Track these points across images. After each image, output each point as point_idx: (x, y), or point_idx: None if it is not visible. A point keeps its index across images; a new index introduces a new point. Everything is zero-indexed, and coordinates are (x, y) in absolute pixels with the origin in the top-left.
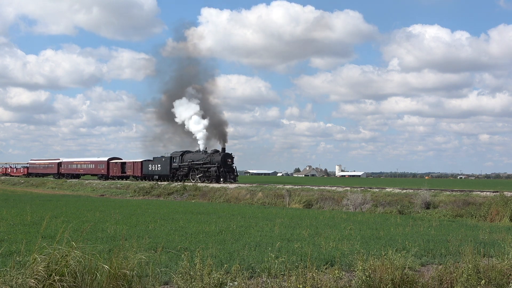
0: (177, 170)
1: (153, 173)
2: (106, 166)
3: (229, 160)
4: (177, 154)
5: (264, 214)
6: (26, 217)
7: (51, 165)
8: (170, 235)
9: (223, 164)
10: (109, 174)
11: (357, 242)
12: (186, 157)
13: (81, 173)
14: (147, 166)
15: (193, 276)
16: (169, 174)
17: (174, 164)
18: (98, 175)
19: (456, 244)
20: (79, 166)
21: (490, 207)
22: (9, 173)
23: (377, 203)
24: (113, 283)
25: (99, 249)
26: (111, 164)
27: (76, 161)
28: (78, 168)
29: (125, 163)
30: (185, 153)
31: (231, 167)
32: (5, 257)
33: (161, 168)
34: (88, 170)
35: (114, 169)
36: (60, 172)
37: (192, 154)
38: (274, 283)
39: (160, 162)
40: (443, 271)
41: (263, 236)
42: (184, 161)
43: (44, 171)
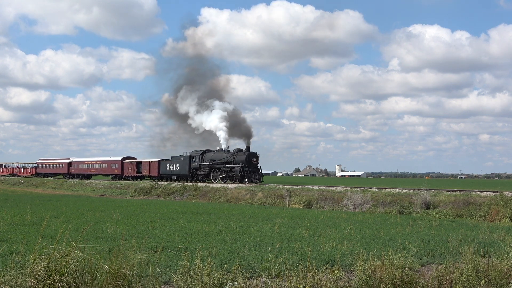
0: (197, 170)
1: (171, 173)
2: (120, 166)
3: (254, 159)
4: (197, 153)
5: (264, 214)
6: (26, 217)
7: (61, 165)
8: (170, 235)
9: (248, 164)
10: (123, 174)
11: (357, 242)
12: (207, 156)
13: (93, 173)
14: (165, 166)
15: (193, 276)
16: (188, 174)
17: (194, 164)
18: (111, 175)
19: (456, 244)
20: (91, 166)
21: (490, 207)
22: (17, 173)
23: (377, 203)
24: (113, 283)
25: (99, 249)
26: (125, 163)
27: (88, 160)
28: (89, 168)
29: (141, 162)
30: (205, 152)
31: (256, 167)
32: (5, 257)
33: (179, 168)
34: (100, 170)
35: (129, 169)
36: (70, 172)
37: (214, 153)
38: (274, 283)
39: (178, 162)
40: (443, 271)
41: (263, 236)
42: (204, 160)
43: (53, 171)
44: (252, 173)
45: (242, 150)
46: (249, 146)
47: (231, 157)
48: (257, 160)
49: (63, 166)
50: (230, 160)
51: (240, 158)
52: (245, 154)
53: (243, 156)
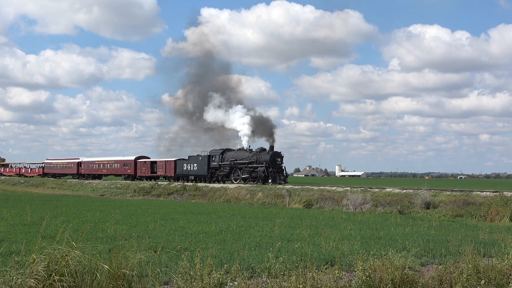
0: (217, 170)
1: (188, 173)
2: (133, 166)
3: (278, 159)
4: (217, 152)
5: (264, 214)
6: (26, 217)
7: (70, 165)
8: (170, 235)
9: (272, 164)
10: (136, 174)
11: (357, 242)
12: (227, 155)
13: (104, 173)
14: (182, 166)
15: (193, 276)
16: (207, 174)
17: (213, 164)
18: (124, 176)
19: (456, 244)
20: (102, 166)
21: (490, 207)
22: (23, 173)
23: (377, 203)
24: (113, 283)
25: (99, 249)
26: (139, 163)
27: (99, 160)
28: (100, 168)
29: (156, 162)
30: (226, 151)
31: (280, 167)
32: (5, 257)
33: (197, 168)
34: (112, 170)
35: (143, 168)
36: (80, 172)
37: (235, 152)
38: (274, 283)
39: (196, 161)
40: (443, 271)
41: (263, 236)
42: (225, 160)
43: (61, 171)
44: (276, 173)
45: (265, 149)
46: (273, 145)
47: (253, 157)
48: (281, 160)
49: (72, 166)
50: (253, 160)
51: (263, 157)
52: (269, 153)
53: (267, 156)
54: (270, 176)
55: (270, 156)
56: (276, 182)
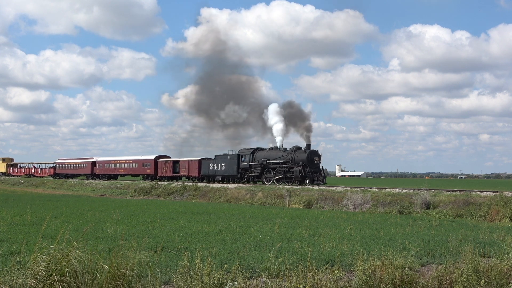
0: (247, 170)
1: (215, 174)
2: (153, 166)
3: (316, 158)
4: (247, 151)
5: (264, 214)
6: (26, 217)
7: (83, 165)
8: (170, 235)
9: (309, 163)
10: (157, 174)
11: (357, 242)
12: (259, 155)
13: (121, 173)
14: (207, 166)
15: (193, 276)
16: (236, 174)
17: (243, 163)
18: (143, 176)
19: (456, 244)
20: (119, 166)
21: (490, 207)
22: (33, 173)
23: (377, 203)
24: (113, 283)
25: (99, 249)
26: (159, 163)
27: (115, 159)
28: (117, 168)
29: (178, 162)
30: (257, 151)
31: (318, 167)
32: (5, 257)
33: (225, 168)
34: (130, 170)
35: (164, 168)
36: (94, 172)
37: (267, 151)
38: (274, 283)
39: (224, 161)
40: (443, 271)
41: (263, 236)
42: (256, 159)
43: (74, 172)
44: (314, 173)
45: (300, 147)
46: (310, 144)
47: (288, 156)
48: (319, 159)
49: (86, 166)
50: (288, 159)
51: (300, 157)
52: (306, 152)
53: (304, 155)
54: (308, 177)
55: (307, 155)
56: (314, 182)
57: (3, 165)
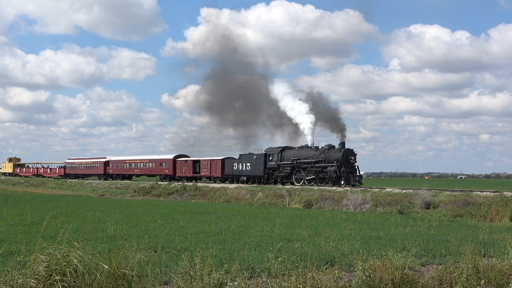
0: (275, 170)
1: (239, 174)
2: (171, 165)
3: (352, 157)
4: (274, 150)
5: (264, 214)
6: (26, 217)
7: (96, 165)
8: (170, 235)
9: (344, 163)
10: (175, 174)
11: (357, 242)
12: (288, 154)
13: (137, 173)
14: (231, 166)
15: (193, 276)
16: (263, 175)
17: (271, 163)
18: (161, 176)
19: (456, 244)
20: (134, 166)
21: (490, 207)
22: (42, 173)
23: (377, 203)
24: (113, 283)
25: (99, 249)
26: (178, 162)
27: (130, 159)
28: (132, 168)
29: (199, 161)
30: (285, 149)
31: (353, 167)
32: (5, 257)
33: (251, 168)
34: (146, 170)
35: (183, 168)
36: (107, 172)
37: (297, 150)
38: (274, 283)
39: (250, 161)
40: (443, 271)
41: (263, 236)
42: (284, 159)
43: (86, 172)
44: (350, 173)
45: (334, 146)
46: (344, 142)
47: (321, 155)
48: (355, 158)
49: (98, 166)
50: (321, 158)
51: (334, 156)
52: (341, 151)
53: (339, 154)
54: (343, 177)
55: (342, 154)
56: (350, 183)
57: (10, 165)
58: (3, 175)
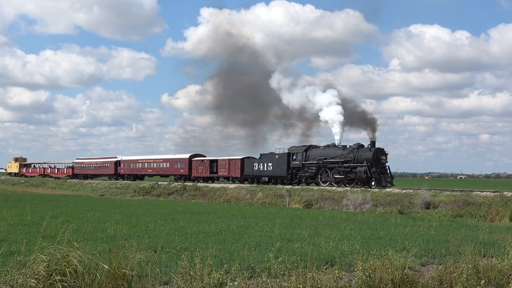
0: (299, 170)
1: (260, 174)
2: (187, 165)
3: (383, 157)
4: (298, 149)
5: (264, 214)
6: (26, 217)
7: (106, 164)
8: (170, 235)
9: (375, 163)
10: (191, 174)
11: (357, 242)
12: (313, 153)
13: (150, 173)
14: (251, 165)
15: (193, 276)
16: (286, 175)
17: (295, 163)
18: (175, 176)
19: (456, 244)
20: (147, 165)
21: (490, 207)
22: (49, 174)
23: (377, 203)
24: (112, 283)
25: (99, 249)
26: (194, 162)
27: (143, 159)
28: (145, 168)
29: (216, 161)
30: (311, 148)
31: (384, 167)
32: (5, 257)
33: (273, 168)
34: (160, 170)
35: (200, 168)
36: (118, 172)
37: (323, 149)
38: (274, 283)
39: (271, 160)
40: (443, 271)
41: (263, 236)
42: (309, 158)
43: (95, 172)
44: (381, 174)
45: (363, 145)
46: (375, 141)
47: (350, 155)
48: (386, 158)
49: (109, 166)
50: (349, 158)
51: (364, 155)
52: (372, 150)
53: (369, 153)
54: (374, 178)
55: (373, 153)
56: (382, 184)
57: (16, 165)
58: (9, 175)
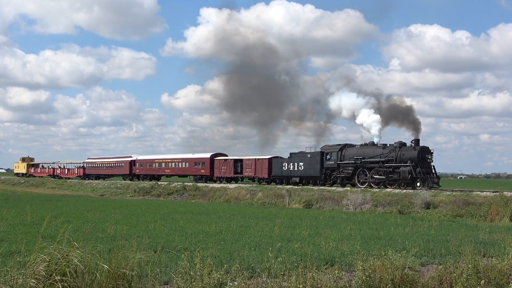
0: (334, 170)
1: (290, 175)
2: (208, 165)
3: (429, 156)
4: (333, 148)
5: (264, 214)
6: (26, 217)
7: (120, 164)
8: (170, 235)
9: (420, 163)
10: (213, 174)
11: (357, 242)
12: (349, 152)
13: (167, 173)
14: (280, 166)
15: (193, 276)
16: (319, 175)
17: (329, 162)
18: (195, 177)
19: (456, 244)
20: (164, 165)
21: (490, 207)
22: (58, 174)
23: (377, 203)
24: (112, 283)
25: (99, 249)
26: (216, 162)
27: (160, 158)
28: (162, 168)
29: (241, 160)
30: (345, 147)
31: (429, 167)
32: (5, 257)
33: (304, 168)
34: (179, 170)
35: (222, 168)
36: (134, 172)
37: (360, 148)
38: (274, 283)
39: (303, 160)
40: (443, 271)
41: (263, 236)
42: (345, 158)
43: (108, 172)
44: (426, 174)
45: (405, 143)
46: (419, 139)
47: (391, 154)
48: (431, 157)
49: (123, 166)
50: (391, 157)
51: (408, 154)
52: (416, 149)
53: (414, 152)
54: (419, 178)
55: (418, 152)
56: (428, 185)
57: (24, 165)
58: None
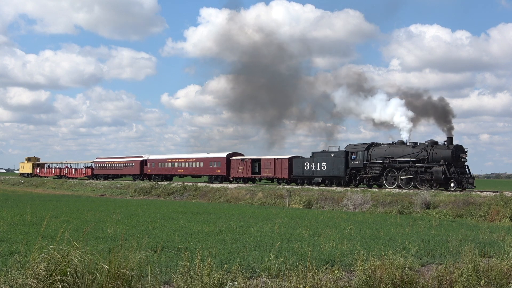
0: (360, 170)
1: (312, 175)
2: (224, 165)
3: (463, 156)
4: (359, 147)
5: (264, 214)
6: (26, 217)
7: (130, 164)
8: (170, 235)
9: (454, 162)
10: (229, 175)
11: (357, 242)
12: (377, 151)
13: (181, 173)
14: (301, 165)
15: (193, 276)
16: (343, 175)
17: (355, 162)
18: (210, 177)
19: (456, 244)
20: (177, 165)
21: (490, 207)
22: (66, 174)
23: (377, 203)
24: (112, 283)
25: (99, 249)
26: (232, 161)
27: (173, 158)
28: (175, 168)
29: (259, 160)
30: (372, 146)
31: (463, 167)
32: (5, 257)
33: (328, 168)
34: (193, 170)
35: (239, 168)
36: (145, 172)
37: (388, 147)
38: (274, 283)
39: (326, 159)
40: (443, 271)
41: (263, 236)
42: (372, 157)
43: (118, 172)
44: (461, 174)
45: (437, 142)
46: (451, 137)
47: (422, 153)
48: (465, 156)
49: (133, 166)
50: (422, 157)
51: (441, 153)
52: (450, 148)
53: (447, 151)
54: (453, 179)
55: (452, 151)
56: (463, 186)
57: (29, 165)
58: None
